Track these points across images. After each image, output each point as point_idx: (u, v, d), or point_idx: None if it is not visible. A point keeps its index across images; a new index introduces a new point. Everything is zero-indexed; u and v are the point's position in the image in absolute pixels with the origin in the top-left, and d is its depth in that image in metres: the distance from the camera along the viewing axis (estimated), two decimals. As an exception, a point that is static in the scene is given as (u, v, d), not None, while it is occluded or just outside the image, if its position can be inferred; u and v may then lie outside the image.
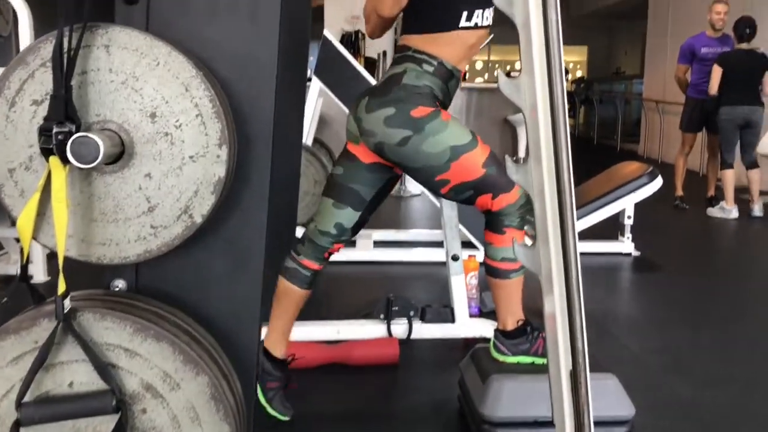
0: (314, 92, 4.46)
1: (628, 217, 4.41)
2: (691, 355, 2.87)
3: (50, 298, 1.25)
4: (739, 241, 5.51)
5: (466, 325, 2.79)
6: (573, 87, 17.05)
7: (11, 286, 1.35)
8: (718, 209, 5.96)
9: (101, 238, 1.30)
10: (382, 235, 4.58)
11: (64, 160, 1.20)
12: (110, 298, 1.35)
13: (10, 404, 1.23)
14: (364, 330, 2.77)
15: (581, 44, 19.59)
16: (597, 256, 4.43)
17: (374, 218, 2.10)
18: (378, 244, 4.41)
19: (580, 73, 20.16)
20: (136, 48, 1.26)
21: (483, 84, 9.99)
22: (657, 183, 4.14)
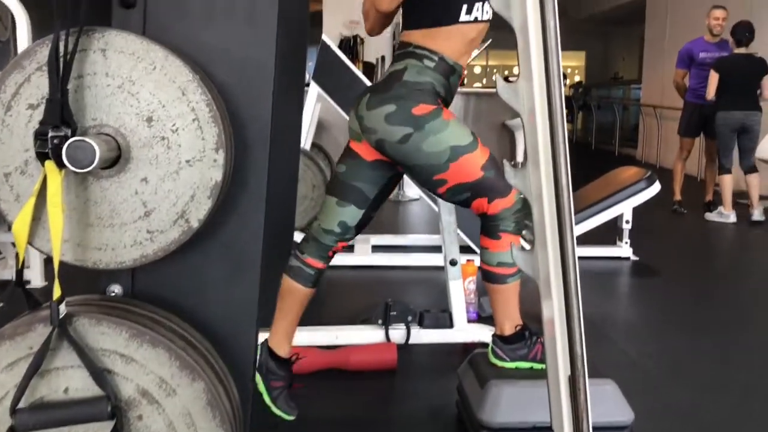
0: (312, 97, 4.46)
1: (627, 222, 4.41)
2: (690, 359, 2.86)
3: (46, 304, 1.25)
4: (737, 245, 5.51)
5: (464, 331, 2.78)
6: (571, 92, 17.07)
7: (6, 291, 1.34)
8: (716, 214, 5.97)
9: (97, 242, 1.30)
10: (381, 240, 4.58)
11: (60, 165, 1.20)
12: (106, 303, 1.35)
13: (4, 411, 1.22)
14: (362, 335, 2.76)
15: (579, 49, 19.62)
16: (595, 261, 4.43)
17: (372, 223, 2.09)
18: (376, 249, 4.41)
19: (578, 78, 20.19)
20: (133, 52, 1.26)
21: (481, 89, 10.00)
22: (655, 188, 4.15)
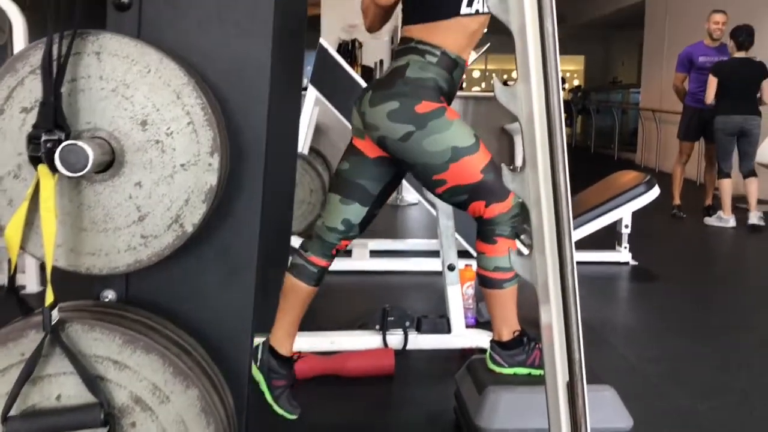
0: (310, 101, 4.45)
1: (626, 226, 4.40)
2: (689, 364, 2.85)
3: (38, 310, 1.23)
4: (737, 250, 5.50)
5: (462, 336, 2.77)
6: (570, 96, 17.09)
7: (-1, 297, 1.33)
8: (716, 218, 5.96)
9: (90, 247, 1.28)
10: (379, 245, 4.57)
11: (53, 169, 1.18)
12: (99, 309, 1.33)
13: (-5, 418, 1.21)
14: (360, 341, 2.75)
15: (578, 54, 19.65)
16: (595, 265, 4.42)
17: (370, 227, 2.08)
18: (374, 254, 4.40)
19: (578, 82, 20.22)
20: (127, 55, 1.25)
21: (480, 92, 10.00)
22: (654, 192, 4.14)
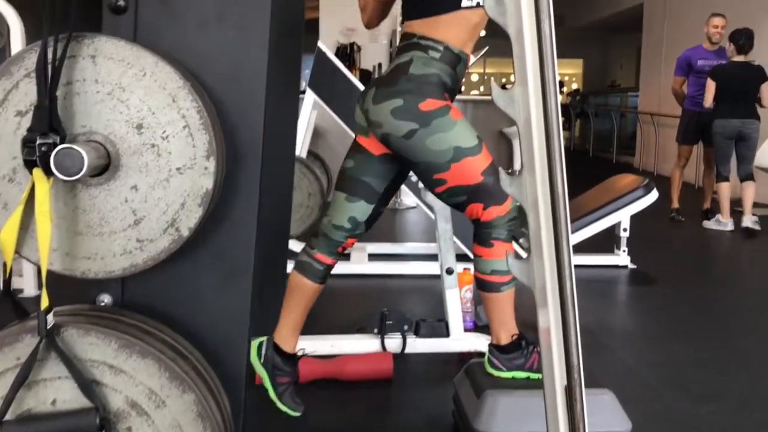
0: (308, 104, 4.45)
1: (624, 230, 4.40)
2: (688, 368, 2.84)
3: (34, 314, 1.23)
4: (735, 253, 5.50)
5: (460, 340, 2.76)
6: (569, 100, 17.11)
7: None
8: (714, 222, 5.96)
9: (86, 251, 1.28)
10: (377, 248, 4.56)
11: (48, 173, 1.18)
12: (95, 313, 1.33)
13: (-10, 423, 1.20)
14: (358, 344, 2.74)
15: (577, 57, 19.68)
16: (593, 269, 4.41)
17: (369, 231, 2.08)
18: (373, 257, 4.39)
19: (576, 85, 20.24)
20: (123, 58, 1.24)
21: (478, 96, 10.01)
22: (653, 196, 4.14)
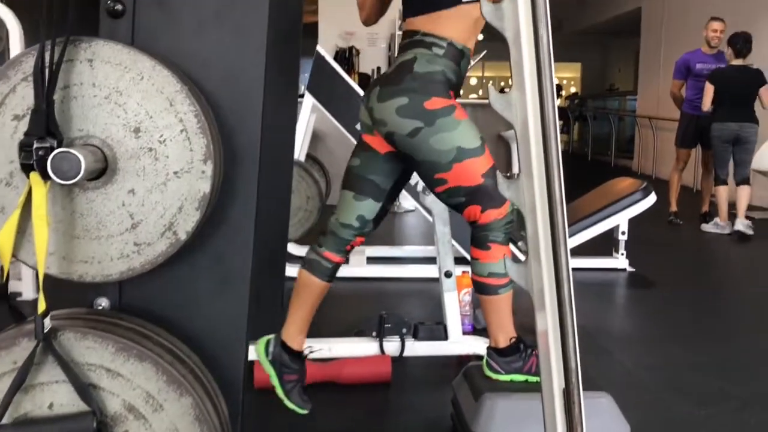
0: (307, 108, 4.45)
1: (623, 233, 4.40)
2: (687, 371, 2.84)
3: (31, 317, 1.22)
4: (733, 256, 5.50)
5: (459, 343, 2.75)
6: (567, 103, 17.13)
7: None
8: (712, 225, 5.96)
9: (83, 255, 1.28)
10: (376, 251, 4.56)
11: (45, 176, 1.18)
12: (92, 316, 1.33)
13: (-13, 427, 1.20)
14: (356, 347, 2.73)
15: (575, 61, 19.70)
16: (591, 272, 4.42)
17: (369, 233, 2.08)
18: (371, 260, 4.39)
19: (574, 89, 20.25)
20: (120, 62, 1.24)
21: (477, 100, 10.01)
22: (651, 199, 4.15)
